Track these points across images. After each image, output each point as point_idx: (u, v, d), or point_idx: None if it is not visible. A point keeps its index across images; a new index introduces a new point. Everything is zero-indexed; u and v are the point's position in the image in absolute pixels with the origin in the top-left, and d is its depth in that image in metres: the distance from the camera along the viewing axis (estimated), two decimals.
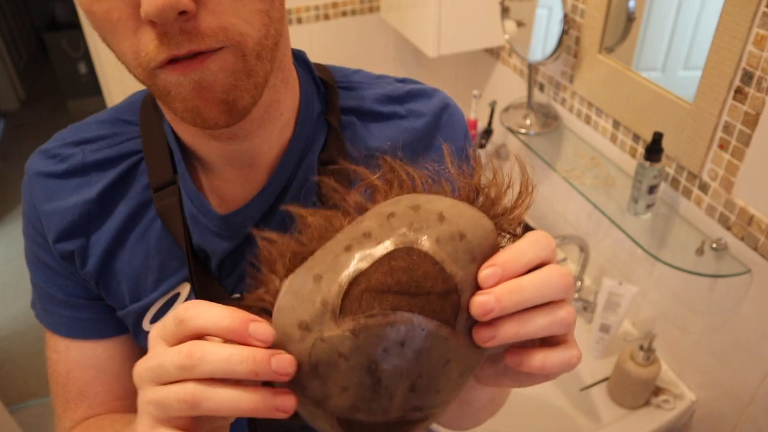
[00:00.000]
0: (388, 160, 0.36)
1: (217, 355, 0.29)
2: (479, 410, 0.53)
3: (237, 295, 0.53)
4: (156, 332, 0.33)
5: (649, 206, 0.96)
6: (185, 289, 0.53)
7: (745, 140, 0.82)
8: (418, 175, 0.35)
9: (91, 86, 3.91)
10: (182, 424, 0.32)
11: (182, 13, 0.35)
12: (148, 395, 0.32)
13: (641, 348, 0.99)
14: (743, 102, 0.80)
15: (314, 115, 0.52)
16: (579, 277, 1.22)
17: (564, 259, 1.34)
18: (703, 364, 1.01)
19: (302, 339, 0.31)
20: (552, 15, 1.11)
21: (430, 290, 0.31)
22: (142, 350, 0.59)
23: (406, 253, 0.31)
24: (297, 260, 0.34)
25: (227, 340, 0.30)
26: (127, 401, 0.58)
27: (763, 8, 0.74)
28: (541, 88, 1.27)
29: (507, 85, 1.41)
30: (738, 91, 0.81)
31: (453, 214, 0.33)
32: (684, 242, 0.95)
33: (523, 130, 1.24)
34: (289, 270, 0.34)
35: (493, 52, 1.44)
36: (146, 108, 0.52)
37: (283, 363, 0.30)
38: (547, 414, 1.17)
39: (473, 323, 0.32)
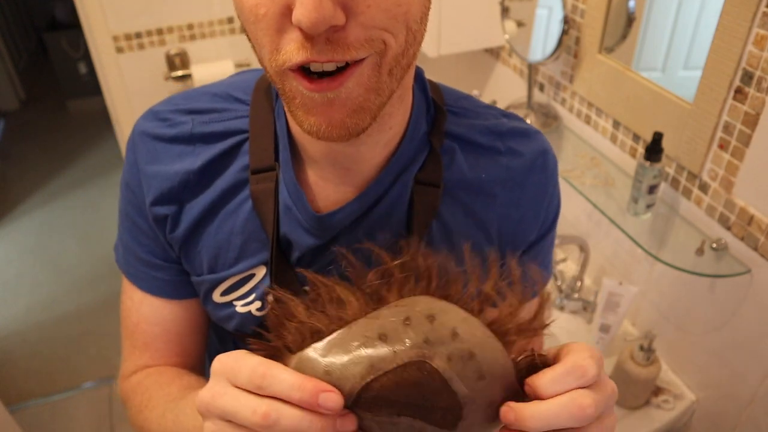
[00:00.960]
0: (411, 247, 0.38)
1: (289, 421, 0.34)
2: None
3: (307, 288, 0.54)
4: (223, 369, 0.36)
5: (649, 206, 0.96)
6: (261, 271, 0.55)
7: (745, 140, 0.82)
8: (434, 272, 0.38)
9: (91, 86, 3.91)
10: None
11: (333, 26, 0.36)
12: (216, 429, 0.36)
13: (641, 348, 0.99)
14: (743, 102, 0.80)
15: (420, 135, 0.52)
16: (579, 277, 1.22)
17: (564, 259, 1.34)
18: (703, 364, 1.01)
19: (340, 388, 0.35)
20: (552, 15, 1.11)
21: (435, 404, 0.34)
22: (206, 316, 0.62)
23: (418, 367, 0.34)
24: (307, 333, 0.37)
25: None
26: (184, 359, 0.62)
27: (763, 8, 0.74)
28: (541, 88, 1.27)
29: (507, 85, 1.41)
30: (738, 91, 0.81)
31: (465, 331, 0.35)
32: (684, 242, 0.95)
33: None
34: (302, 342, 0.37)
35: (493, 52, 1.44)
36: (259, 90, 0.53)
37: (344, 424, 0.34)
38: None
39: (471, 425, 0.35)
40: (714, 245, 0.90)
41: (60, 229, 3.00)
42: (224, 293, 0.56)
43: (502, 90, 1.43)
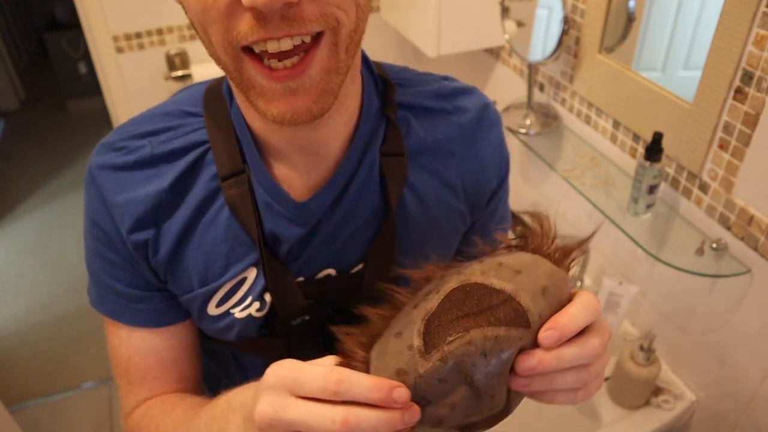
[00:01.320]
0: (434, 265, 0.42)
1: (367, 423, 0.35)
2: None
3: (301, 279, 0.56)
4: (281, 381, 0.37)
5: (649, 206, 0.96)
6: (252, 273, 0.55)
7: (745, 140, 0.82)
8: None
9: (91, 86, 3.91)
10: None
11: (287, 2, 0.37)
12: None
13: (641, 348, 0.99)
14: (743, 102, 0.80)
15: (374, 110, 0.55)
16: (579, 277, 1.22)
17: None
18: (703, 364, 1.01)
19: (404, 382, 0.36)
20: (552, 15, 1.11)
21: (489, 305, 0.37)
22: (201, 332, 0.62)
23: (461, 289, 0.38)
24: (374, 337, 0.40)
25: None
26: (183, 384, 0.62)
27: (763, 8, 0.74)
28: (541, 88, 1.27)
29: (507, 85, 1.41)
30: (738, 91, 0.81)
31: (491, 263, 0.41)
32: (684, 242, 0.95)
33: (523, 130, 1.24)
34: (369, 345, 0.40)
35: (493, 52, 1.44)
36: (209, 99, 0.54)
37: (412, 415, 0.36)
38: (547, 414, 1.17)
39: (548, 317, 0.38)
40: (714, 245, 0.90)
41: (60, 229, 3.00)
42: (219, 304, 0.56)
43: (502, 90, 1.43)
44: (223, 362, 0.67)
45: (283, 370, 0.37)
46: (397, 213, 0.56)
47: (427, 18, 1.29)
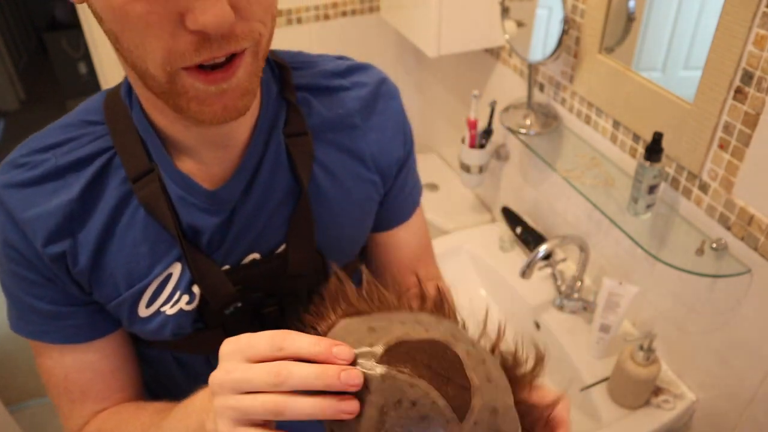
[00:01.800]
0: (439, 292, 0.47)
1: (299, 373, 0.37)
2: None
3: (227, 267, 0.58)
4: (236, 348, 0.40)
5: (649, 206, 0.96)
6: (176, 269, 0.56)
7: (745, 140, 0.82)
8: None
9: (91, 86, 3.91)
10: (259, 424, 0.39)
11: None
12: (230, 402, 0.39)
13: (641, 348, 0.99)
14: (743, 102, 0.80)
15: (274, 95, 0.57)
16: (579, 277, 1.22)
17: (564, 259, 1.34)
18: (703, 364, 1.01)
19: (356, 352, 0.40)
20: (552, 15, 1.11)
21: (452, 378, 0.39)
22: (137, 341, 0.62)
23: (444, 347, 0.40)
24: (353, 312, 0.44)
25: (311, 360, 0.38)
26: (126, 393, 0.61)
27: (763, 8, 0.74)
28: (541, 88, 1.27)
29: (507, 85, 1.41)
30: (738, 91, 0.81)
31: (482, 346, 0.45)
32: (684, 242, 0.95)
33: (523, 130, 1.24)
34: (345, 314, 0.44)
35: (493, 52, 1.44)
36: (110, 106, 0.54)
37: (352, 376, 0.37)
38: None
39: (478, 421, 0.39)
40: (714, 245, 0.90)
41: None
42: (149, 303, 0.57)
43: (502, 90, 1.43)
44: (165, 369, 0.66)
45: (237, 340, 0.40)
46: (310, 190, 0.59)
47: (427, 18, 1.29)
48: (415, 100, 1.95)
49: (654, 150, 0.90)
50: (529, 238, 1.37)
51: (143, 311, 0.57)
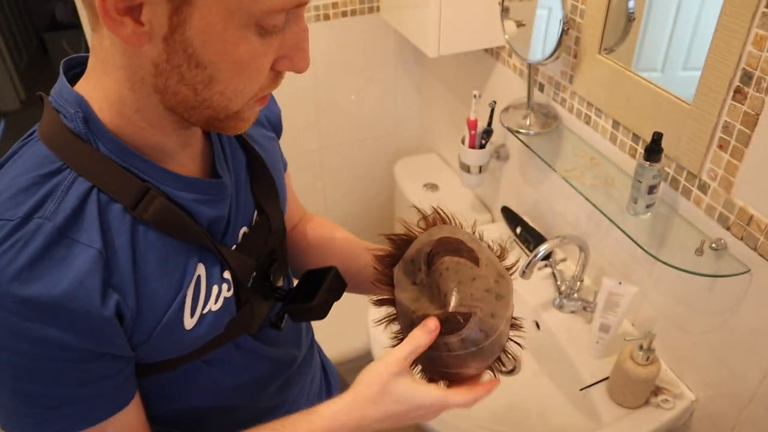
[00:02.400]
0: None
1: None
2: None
3: (234, 246, 0.62)
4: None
5: (648, 206, 0.96)
6: (201, 269, 0.57)
7: (745, 140, 0.82)
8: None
9: None
10: None
11: None
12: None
13: (641, 348, 0.99)
14: (742, 102, 0.80)
15: None
16: (579, 277, 1.22)
17: (564, 259, 1.34)
18: (702, 363, 1.01)
19: (412, 279, 0.64)
20: (552, 15, 1.11)
21: (463, 249, 0.62)
22: (184, 351, 0.60)
23: (454, 239, 0.63)
24: (395, 257, 0.66)
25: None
26: None
27: (762, 8, 0.74)
28: (541, 88, 1.27)
29: (507, 85, 1.41)
30: (737, 91, 0.81)
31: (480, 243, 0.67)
32: (683, 242, 0.95)
33: (522, 130, 1.24)
34: (393, 263, 0.66)
35: (493, 52, 1.44)
36: (63, 150, 0.50)
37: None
38: (546, 414, 1.17)
39: (485, 275, 0.61)
40: (713, 245, 0.90)
41: None
42: (192, 313, 0.56)
43: (502, 90, 1.43)
44: (192, 388, 0.65)
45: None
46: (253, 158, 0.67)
47: (427, 18, 1.29)
48: (415, 100, 1.95)
49: (653, 150, 0.90)
50: (529, 238, 1.37)
51: (188, 322, 0.56)
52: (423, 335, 0.57)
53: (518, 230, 1.40)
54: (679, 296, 1.02)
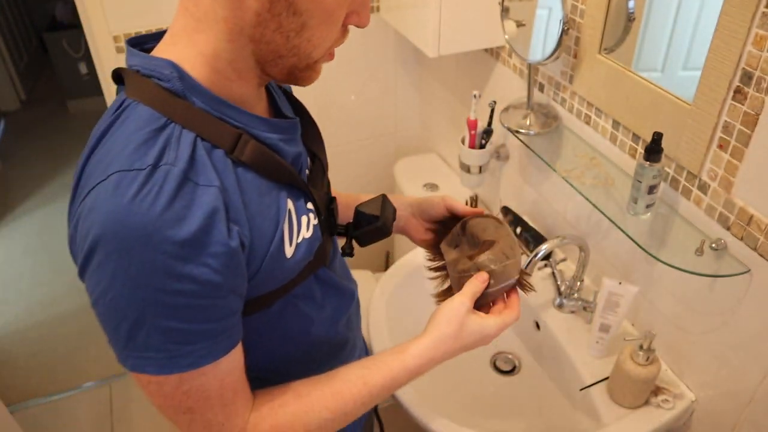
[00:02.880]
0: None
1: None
2: None
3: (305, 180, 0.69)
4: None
5: (648, 206, 0.96)
6: (289, 203, 0.63)
7: (745, 140, 0.82)
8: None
9: (92, 86, 3.91)
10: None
11: None
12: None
13: (641, 348, 0.99)
14: (742, 102, 0.80)
15: None
16: (579, 277, 1.22)
17: (564, 259, 1.34)
18: (702, 363, 1.01)
19: (454, 246, 0.80)
20: (552, 15, 1.11)
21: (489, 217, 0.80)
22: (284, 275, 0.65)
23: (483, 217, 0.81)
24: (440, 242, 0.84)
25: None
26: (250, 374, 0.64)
27: (762, 8, 0.74)
28: (541, 88, 1.27)
29: (507, 85, 1.41)
30: (737, 91, 0.81)
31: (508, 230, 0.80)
32: (683, 242, 0.95)
33: (522, 130, 1.24)
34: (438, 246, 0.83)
35: (493, 52, 1.44)
36: (164, 108, 0.55)
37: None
38: (546, 414, 1.17)
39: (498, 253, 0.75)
40: (713, 245, 0.90)
41: (60, 229, 3.00)
42: (290, 242, 0.63)
43: (502, 90, 1.43)
44: (288, 320, 0.71)
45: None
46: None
47: (427, 18, 1.29)
48: (415, 100, 1.95)
49: (653, 150, 0.90)
50: (529, 238, 1.37)
51: (288, 251, 0.62)
52: (479, 283, 0.72)
53: (518, 230, 1.40)
54: (679, 296, 1.02)
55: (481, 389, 1.24)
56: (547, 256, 1.26)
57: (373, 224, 0.77)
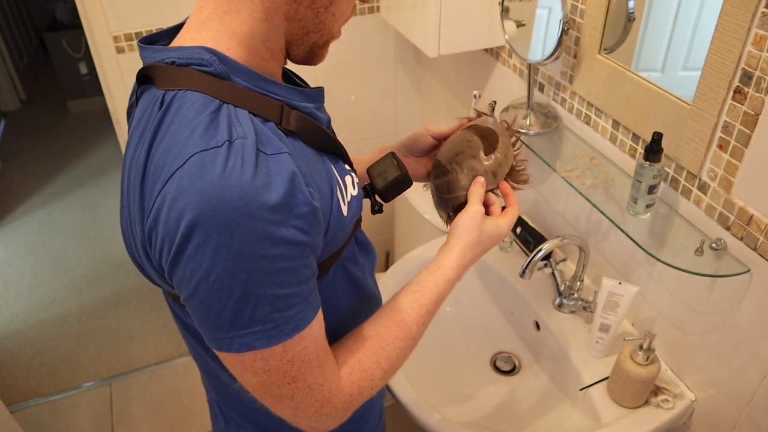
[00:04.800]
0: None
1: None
2: None
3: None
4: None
5: (648, 206, 0.96)
6: (332, 169, 0.65)
7: (744, 140, 0.82)
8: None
9: (92, 86, 3.91)
10: None
11: None
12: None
13: (641, 348, 0.99)
14: (742, 102, 0.80)
15: None
16: (579, 277, 1.22)
17: (564, 259, 1.34)
18: (702, 363, 1.01)
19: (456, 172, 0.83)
20: (552, 15, 1.11)
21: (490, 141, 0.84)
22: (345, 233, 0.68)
23: (492, 131, 0.86)
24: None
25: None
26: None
27: (762, 8, 0.74)
28: (541, 88, 1.27)
29: (507, 85, 1.41)
30: (737, 91, 0.81)
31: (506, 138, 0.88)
32: (683, 242, 0.95)
33: (523, 130, 1.24)
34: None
35: (493, 52, 1.44)
36: (214, 91, 0.56)
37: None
38: (546, 414, 1.17)
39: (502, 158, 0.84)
40: (713, 245, 0.90)
41: (60, 229, 3.00)
42: (343, 201, 0.65)
43: (502, 90, 1.43)
44: (338, 286, 0.74)
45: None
46: None
47: (427, 18, 1.29)
48: (415, 100, 1.95)
49: (653, 150, 0.90)
50: (529, 238, 1.37)
51: (345, 210, 0.65)
52: (479, 188, 0.79)
53: (518, 230, 1.40)
54: (679, 296, 1.02)
55: (481, 389, 1.24)
56: (547, 256, 1.26)
57: (397, 177, 0.80)
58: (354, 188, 0.69)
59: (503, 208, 0.82)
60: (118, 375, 2.20)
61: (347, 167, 0.70)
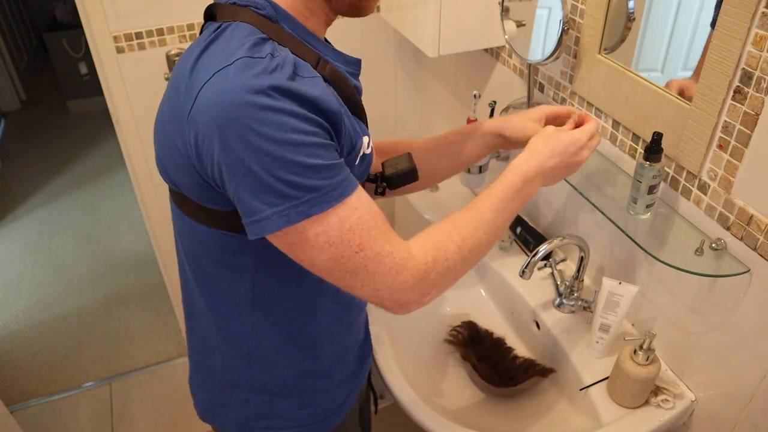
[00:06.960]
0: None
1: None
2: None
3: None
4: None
5: (648, 206, 0.96)
6: (353, 121, 0.70)
7: (744, 140, 0.82)
8: None
9: (92, 86, 3.92)
10: None
11: None
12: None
13: (641, 348, 0.99)
14: (742, 102, 0.80)
15: None
16: (579, 277, 1.22)
17: (564, 259, 1.34)
18: (702, 363, 1.01)
19: None
20: (552, 15, 1.11)
21: None
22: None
23: None
24: None
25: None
26: None
27: (762, 8, 0.74)
28: (541, 88, 1.27)
29: (507, 86, 1.41)
30: (737, 91, 0.81)
31: None
32: (683, 242, 0.95)
33: None
34: None
35: (493, 52, 1.44)
36: (263, 29, 0.64)
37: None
38: (546, 414, 1.17)
39: None
40: (713, 245, 0.90)
41: (60, 229, 3.00)
42: (367, 146, 0.72)
43: (502, 90, 1.43)
44: None
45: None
46: None
47: (427, 18, 1.29)
48: (414, 100, 1.95)
49: (653, 150, 0.90)
50: (529, 238, 1.37)
51: (358, 160, 0.71)
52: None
53: (518, 230, 1.40)
54: (679, 296, 1.02)
55: (481, 389, 1.23)
56: (547, 256, 1.26)
57: (405, 168, 0.85)
58: (368, 148, 0.73)
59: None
60: (118, 375, 2.20)
61: (366, 129, 0.76)
